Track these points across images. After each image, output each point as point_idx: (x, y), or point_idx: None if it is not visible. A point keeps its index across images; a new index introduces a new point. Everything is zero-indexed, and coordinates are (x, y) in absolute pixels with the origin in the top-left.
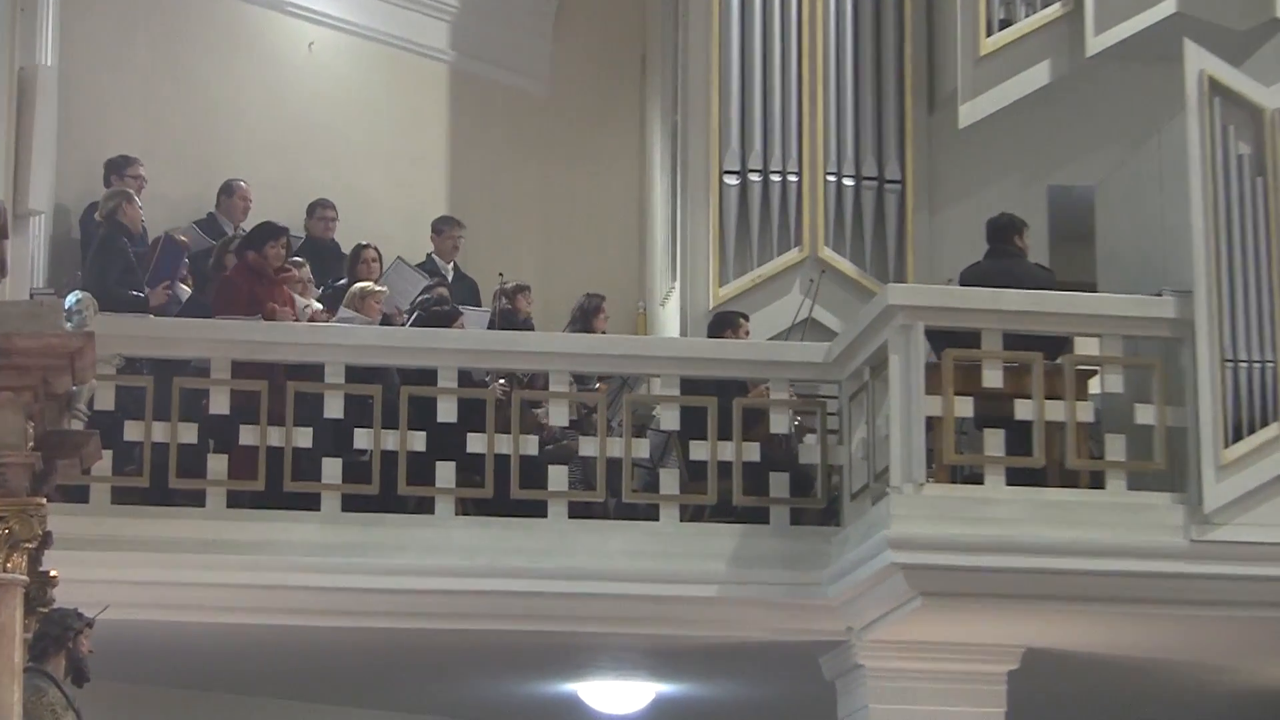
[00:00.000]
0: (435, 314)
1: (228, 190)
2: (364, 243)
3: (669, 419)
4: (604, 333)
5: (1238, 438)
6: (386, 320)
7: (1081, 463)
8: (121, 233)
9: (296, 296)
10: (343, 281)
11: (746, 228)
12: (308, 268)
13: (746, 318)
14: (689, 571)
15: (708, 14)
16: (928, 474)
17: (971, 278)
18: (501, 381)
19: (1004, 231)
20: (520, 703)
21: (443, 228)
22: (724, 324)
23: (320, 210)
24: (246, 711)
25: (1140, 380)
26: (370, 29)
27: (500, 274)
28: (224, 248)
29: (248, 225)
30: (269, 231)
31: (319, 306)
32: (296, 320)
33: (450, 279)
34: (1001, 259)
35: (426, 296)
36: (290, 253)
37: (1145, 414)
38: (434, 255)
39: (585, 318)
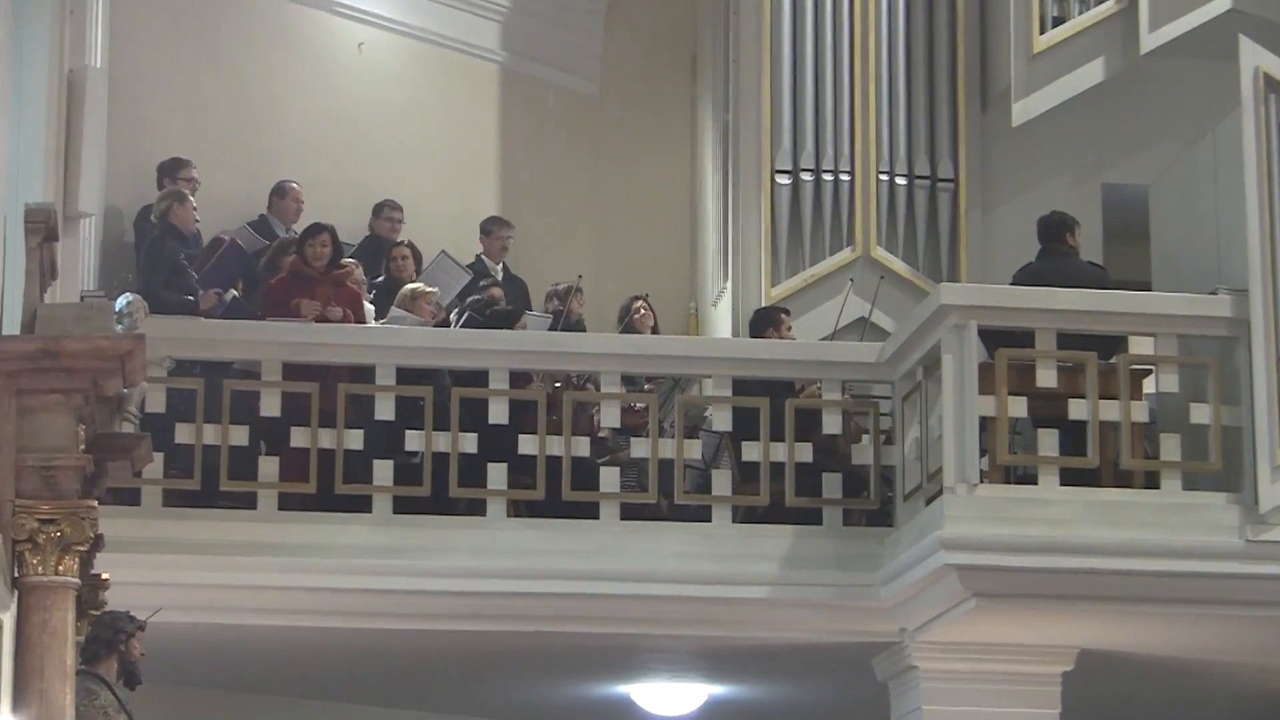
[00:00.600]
0: (496, 314)
1: (280, 192)
2: (398, 239)
3: (721, 420)
4: (653, 329)
5: None
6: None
7: (1136, 463)
8: (173, 234)
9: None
10: (380, 279)
11: (798, 227)
12: (360, 269)
13: (788, 313)
14: (741, 573)
15: (759, 12)
16: (981, 474)
17: (1023, 279)
18: (557, 385)
19: (1055, 230)
20: (572, 704)
21: (491, 228)
22: (766, 322)
23: (388, 211)
24: (298, 714)
25: (1195, 380)
26: (420, 29)
27: (580, 275)
28: (278, 251)
29: (300, 227)
30: (307, 231)
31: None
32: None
33: (500, 279)
34: (1053, 259)
35: (479, 297)
36: (339, 251)
37: (1200, 414)
38: (483, 256)
39: (626, 317)
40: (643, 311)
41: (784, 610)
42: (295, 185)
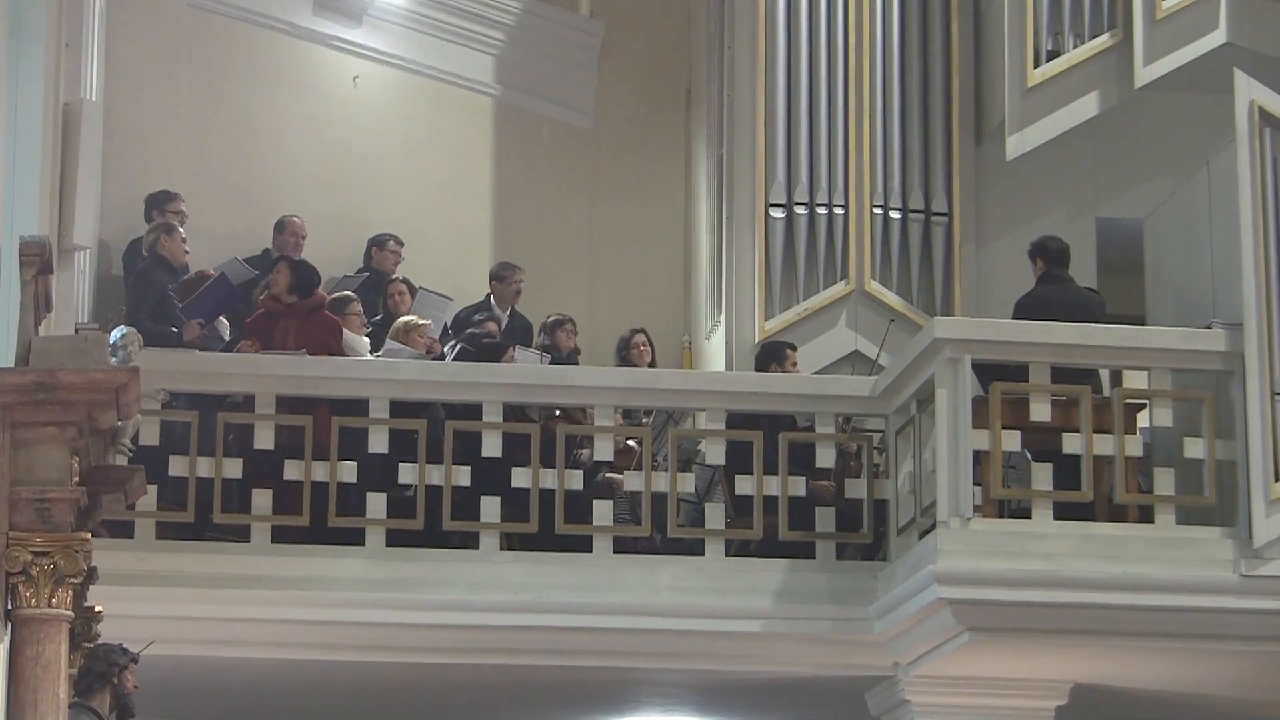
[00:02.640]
0: (485, 346)
1: (279, 226)
2: (393, 276)
3: (714, 453)
4: (651, 364)
5: None
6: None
7: (1130, 497)
8: (161, 266)
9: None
10: (378, 318)
11: (792, 261)
12: (358, 303)
13: (794, 348)
14: (734, 607)
15: (753, 46)
16: (975, 508)
17: (1030, 304)
18: (556, 413)
19: (1060, 257)
20: None
21: (504, 274)
22: (771, 356)
23: (392, 245)
24: None
25: (1190, 414)
26: (415, 63)
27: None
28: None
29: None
30: (270, 264)
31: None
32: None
33: (505, 323)
34: (1056, 285)
35: (475, 331)
36: (307, 281)
37: (1195, 448)
38: (491, 300)
39: (624, 350)
40: (642, 347)
41: (777, 644)
42: (296, 219)
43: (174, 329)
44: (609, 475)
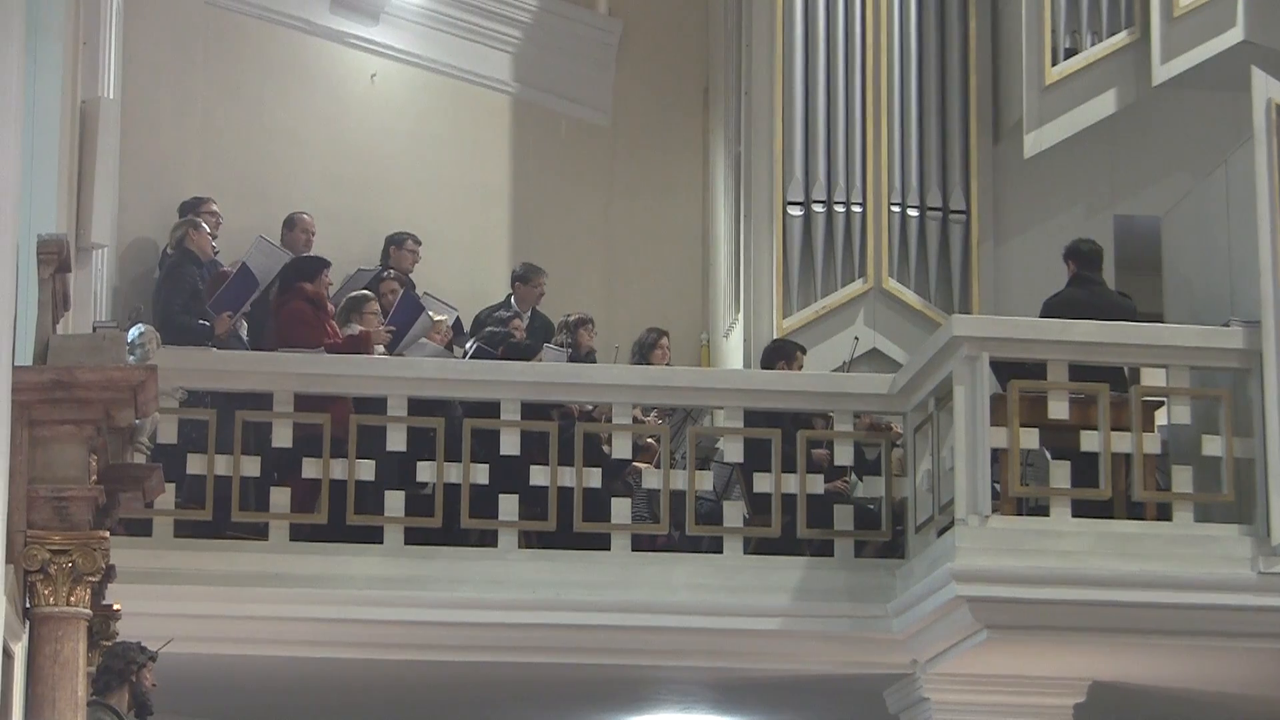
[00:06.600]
0: (514, 348)
1: (290, 223)
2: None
3: (733, 451)
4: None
5: None
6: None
7: (1148, 494)
8: (190, 260)
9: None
10: None
11: (810, 258)
12: (376, 302)
13: (804, 351)
14: (753, 604)
15: (771, 44)
16: (993, 506)
17: (1057, 306)
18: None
19: (1092, 260)
20: None
21: (530, 276)
22: (779, 355)
23: (410, 244)
24: None
25: (1208, 411)
26: (432, 60)
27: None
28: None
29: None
30: (319, 263)
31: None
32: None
33: (527, 323)
34: (1086, 287)
35: (496, 330)
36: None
37: (1213, 445)
38: (513, 300)
39: (643, 353)
40: (665, 350)
41: (796, 642)
42: (306, 216)
43: (205, 322)
44: (636, 464)
